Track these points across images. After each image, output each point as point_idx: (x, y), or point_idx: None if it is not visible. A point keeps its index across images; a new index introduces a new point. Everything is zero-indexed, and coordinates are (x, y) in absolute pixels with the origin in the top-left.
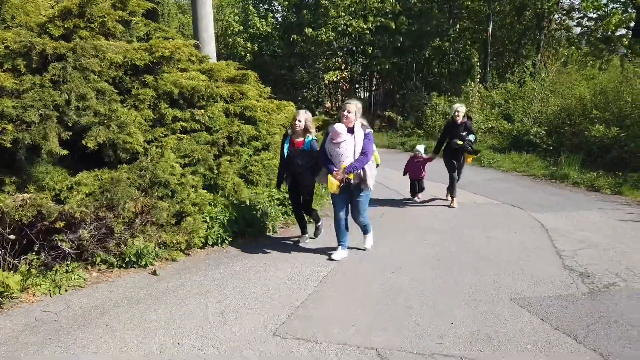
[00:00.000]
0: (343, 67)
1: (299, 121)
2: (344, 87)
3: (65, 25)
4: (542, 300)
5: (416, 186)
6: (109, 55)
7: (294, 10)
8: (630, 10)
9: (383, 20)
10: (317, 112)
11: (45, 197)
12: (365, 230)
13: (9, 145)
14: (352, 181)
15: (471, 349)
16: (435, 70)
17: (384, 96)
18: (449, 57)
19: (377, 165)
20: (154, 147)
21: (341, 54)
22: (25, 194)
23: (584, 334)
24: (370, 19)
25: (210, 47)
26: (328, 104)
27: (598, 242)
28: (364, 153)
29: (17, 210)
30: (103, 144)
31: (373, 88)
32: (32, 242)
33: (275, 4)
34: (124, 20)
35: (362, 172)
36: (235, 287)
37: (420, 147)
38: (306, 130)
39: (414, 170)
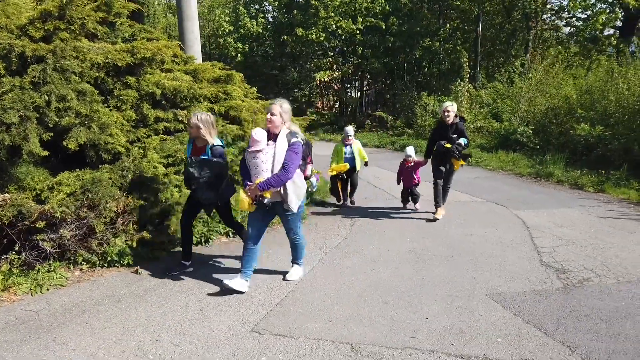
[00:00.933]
0: (334, 67)
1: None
2: (335, 87)
3: (46, 27)
4: (517, 296)
5: (409, 194)
6: (89, 57)
7: (284, 10)
8: (617, 10)
9: (373, 20)
10: (308, 112)
11: (26, 197)
12: (295, 253)
13: None
14: (266, 200)
15: (443, 342)
16: (426, 70)
17: (375, 96)
18: (439, 57)
19: (366, 163)
20: (136, 148)
21: (332, 54)
22: (6, 194)
23: (554, 327)
24: (360, 19)
25: (195, 48)
26: (319, 104)
27: (576, 239)
28: (284, 167)
29: None
30: (84, 145)
31: (364, 88)
32: (13, 241)
33: (266, 4)
34: (108, 22)
35: (282, 191)
36: (217, 285)
37: (410, 150)
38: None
39: (406, 177)
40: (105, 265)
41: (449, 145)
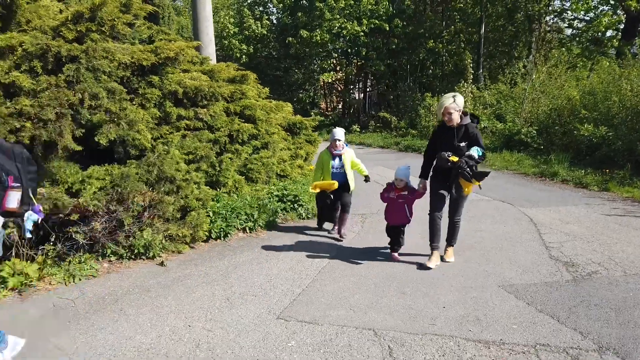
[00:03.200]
0: (338, 68)
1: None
2: (339, 88)
3: (78, 29)
4: (529, 287)
5: (399, 236)
6: (117, 57)
7: (288, 12)
8: (619, 12)
9: (377, 22)
10: (312, 113)
11: (59, 191)
12: None
13: (27, 141)
14: None
15: (461, 329)
16: (430, 71)
17: (377, 97)
18: (443, 59)
19: (366, 178)
20: (160, 144)
21: (336, 55)
22: (41, 188)
23: (566, 315)
24: (365, 21)
25: (210, 49)
26: (323, 105)
27: (583, 235)
28: None
29: None
30: (113, 141)
31: (368, 89)
32: (47, 234)
33: (270, 6)
34: (128, 23)
35: None
36: (240, 276)
37: (402, 172)
38: None
39: (395, 212)
40: (132, 257)
41: (455, 159)
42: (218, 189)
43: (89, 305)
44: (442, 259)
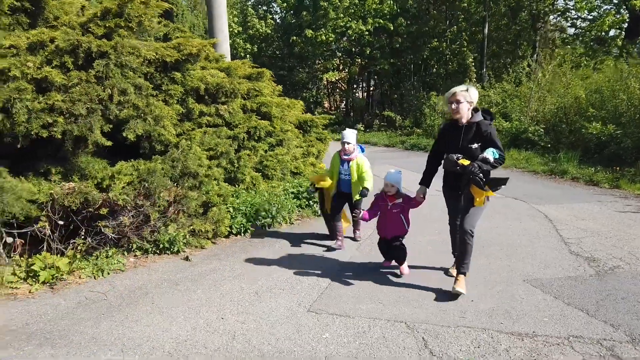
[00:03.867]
0: (341, 67)
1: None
2: (342, 88)
3: (107, 25)
4: (553, 281)
5: (389, 249)
6: (143, 53)
7: (292, 12)
8: (622, 12)
9: (381, 21)
10: (316, 112)
11: (89, 186)
12: None
13: (59, 136)
14: None
15: (492, 321)
16: (434, 70)
17: (380, 96)
18: (446, 58)
19: (363, 192)
20: (184, 140)
21: (340, 54)
22: (71, 183)
23: (594, 308)
24: (370, 20)
25: (224, 47)
26: (326, 104)
27: (600, 231)
28: None
29: (67, 197)
30: (140, 136)
31: (371, 88)
32: (76, 228)
33: (274, 5)
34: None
35: None
36: (265, 271)
37: (392, 176)
38: None
39: (389, 222)
40: (157, 252)
41: (465, 162)
42: (236, 186)
43: (121, 298)
44: (452, 288)
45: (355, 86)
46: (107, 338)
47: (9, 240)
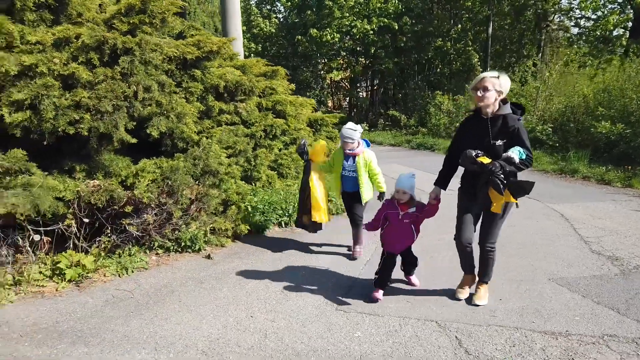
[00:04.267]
0: (345, 67)
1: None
2: (346, 87)
3: (131, 21)
4: (579, 280)
5: (409, 262)
6: (165, 50)
7: (296, 11)
8: (627, 11)
9: (386, 21)
10: (319, 111)
11: (113, 184)
12: None
13: (85, 133)
14: None
15: (523, 320)
16: (438, 69)
17: (382, 95)
18: (450, 57)
19: (381, 195)
20: (204, 138)
21: (344, 54)
22: (95, 180)
23: (625, 307)
24: (375, 19)
25: (239, 45)
26: (330, 103)
27: (618, 230)
28: None
29: (93, 195)
30: (162, 134)
31: (375, 87)
32: (101, 226)
33: (278, 4)
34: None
35: None
36: (287, 269)
37: (406, 181)
38: None
39: (398, 235)
40: (179, 250)
41: (485, 160)
42: (252, 184)
43: (148, 296)
44: (471, 298)
45: (358, 85)
46: (139, 336)
47: (36, 238)
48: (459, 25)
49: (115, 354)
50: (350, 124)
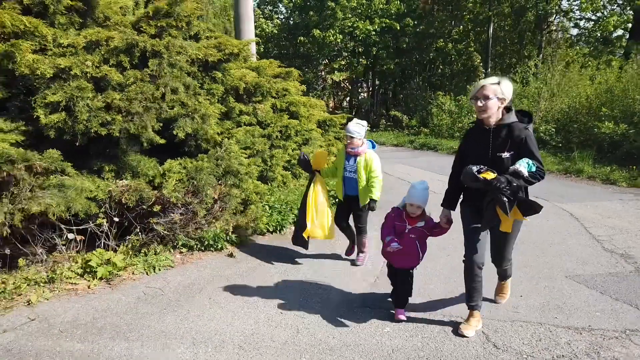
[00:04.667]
0: (346, 67)
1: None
2: (347, 87)
3: (158, 24)
4: (596, 277)
5: (404, 285)
6: (190, 52)
7: (297, 12)
8: (627, 12)
9: (388, 21)
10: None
11: (142, 183)
12: None
13: (117, 134)
14: None
15: (546, 316)
16: (439, 70)
17: (382, 95)
18: (451, 58)
19: (371, 205)
20: (226, 139)
21: (346, 54)
22: (124, 180)
23: None
24: (377, 20)
25: (252, 47)
26: (331, 104)
27: (628, 229)
28: None
29: (123, 195)
30: (187, 134)
31: (376, 88)
32: (129, 225)
33: (280, 5)
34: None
35: None
36: (310, 268)
37: (419, 194)
38: None
39: (401, 250)
40: (202, 249)
41: (490, 176)
42: (268, 184)
43: (178, 293)
44: (495, 301)
45: (359, 86)
46: (176, 332)
47: (70, 236)
48: (460, 26)
49: (156, 349)
50: (356, 120)
